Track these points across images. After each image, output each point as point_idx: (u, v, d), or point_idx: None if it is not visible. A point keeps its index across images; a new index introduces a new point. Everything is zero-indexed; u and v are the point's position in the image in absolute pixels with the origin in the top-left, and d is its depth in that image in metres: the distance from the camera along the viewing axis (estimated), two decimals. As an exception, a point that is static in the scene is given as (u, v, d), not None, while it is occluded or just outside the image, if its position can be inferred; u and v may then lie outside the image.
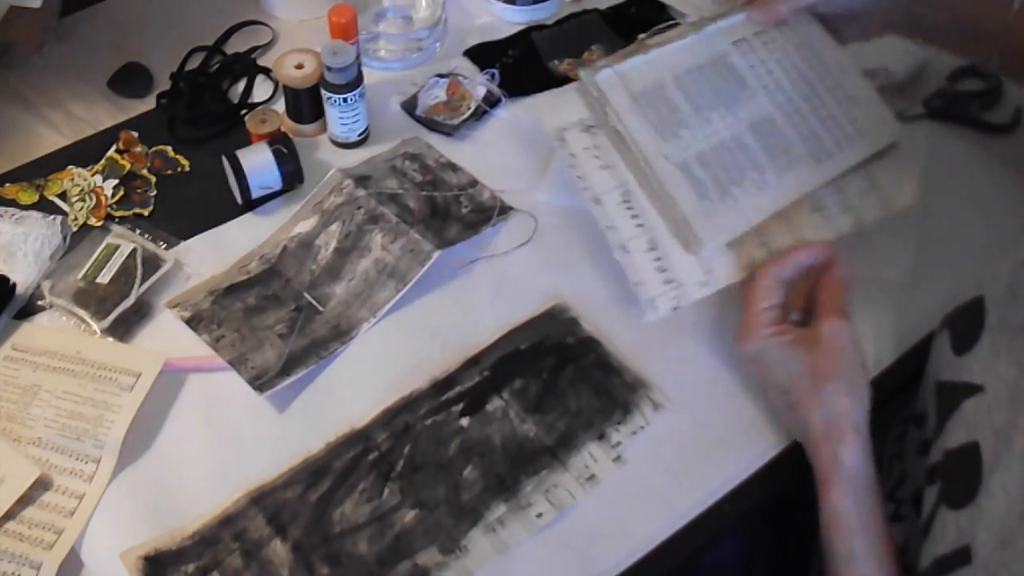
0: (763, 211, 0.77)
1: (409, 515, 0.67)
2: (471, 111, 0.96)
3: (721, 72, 0.82)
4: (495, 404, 0.71)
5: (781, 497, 0.76)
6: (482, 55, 1.02)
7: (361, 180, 0.88)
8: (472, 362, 0.72)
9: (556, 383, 0.72)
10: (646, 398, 0.71)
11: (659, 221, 0.77)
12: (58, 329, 0.80)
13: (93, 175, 0.89)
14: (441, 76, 0.99)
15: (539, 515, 0.68)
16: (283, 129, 0.91)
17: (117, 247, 0.84)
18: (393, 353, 0.78)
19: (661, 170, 0.77)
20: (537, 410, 0.71)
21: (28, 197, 0.88)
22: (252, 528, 0.67)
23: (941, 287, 0.78)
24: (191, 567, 0.66)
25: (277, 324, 0.80)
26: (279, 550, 0.66)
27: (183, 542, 0.67)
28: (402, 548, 0.66)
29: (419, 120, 0.96)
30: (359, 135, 0.93)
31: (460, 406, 0.72)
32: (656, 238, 0.76)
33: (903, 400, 0.76)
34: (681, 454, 0.74)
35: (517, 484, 0.68)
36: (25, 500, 0.70)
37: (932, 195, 0.90)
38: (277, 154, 0.86)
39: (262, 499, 0.69)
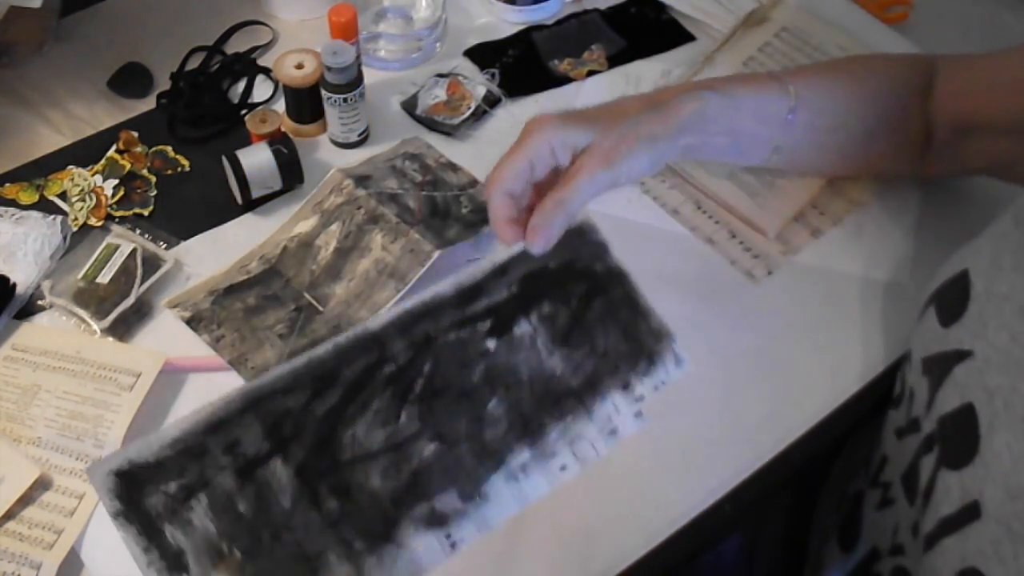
0: (809, 189, 0.89)
1: (428, 448, 0.59)
2: (471, 111, 0.96)
3: None
4: (523, 329, 0.63)
5: (781, 496, 0.77)
6: (482, 55, 1.02)
7: (361, 180, 0.88)
8: (500, 271, 0.63)
9: (585, 316, 0.65)
10: (670, 350, 0.65)
11: (732, 217, 0.88)
12: (58, 329, 0.80)
13: (93, 175, 0.90)
14: (441, 76, 0.99)
15: (563, 467, 0.61)
16: (283, 129, 0.91)
17: (117, 247, 0.84)
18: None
19: (712, 184, 0.89)
20: (565, 344, 0.64)
21: (28, 197, 0.88)
22: (247, 439, 0.55)
23: (938, 283, 0.78)
24: (173, 486, 0.53)
25: (277, 324, 0.80)
26: (279, 472, 0.55)
27: (162, 452, 0.53)
28: (420, 487, 0.58)
29: (419, 120, 0.96)
30: (359, 135, 0.93)
31: (487, 324, 0.62)
32: (735, 228, 0.88)
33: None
34: (681, 454, 0.74)
35: (543, 428, 0.61)
36: (25, 500, 0.70)
37: (931, 195, 0.90)
38: (277, 154, 0.86)
39: (259, 403, 0.56)
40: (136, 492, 0.53)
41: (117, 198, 0.88)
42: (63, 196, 0.88)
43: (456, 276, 0.61)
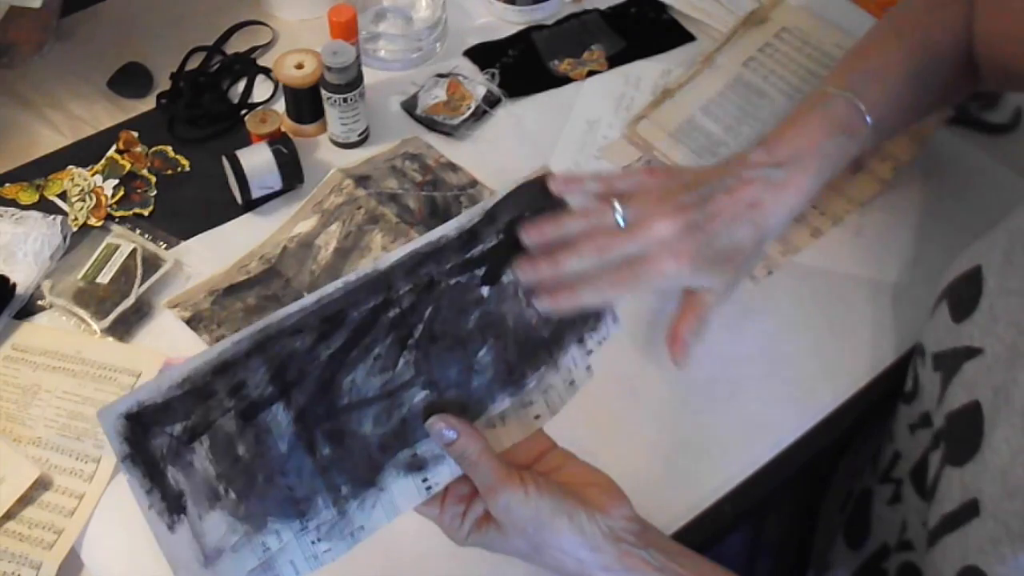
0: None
1: (419, 396, 0.60)
2: (471, 111, 0.96)
3: (739, 90, 0.96)
4: (508, 277, 0.64)
5: (783, 495, 0.77)
6: (482, 55, 1.02)
7: (361, 180, 0.88)
8: (489, 218, 0.63)
9: None
10: (609, 310, 0.67)
11: None
12: (58, 329, 0.80)
13: (93, 175, 0.89)
14: (441, 76, 0.99)
15: (537, 416, 0.64)
16: (283, 129, 0.91)
17: (117, 247, 0.84)
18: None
19: None
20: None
21: (28, 197, 0.88)
22: (252, 382, 0.56)
23: (947, 280, 0.78)
24: (178, 428, 0.54)
25: (277, 324, 0.80)
26: (280, 418, 0.56)
27: (170, 392, 0.54)
28: (406, 434, 0.59)
29: (419, 120, 0.96)
30: (359, 135, 0.93)
31: (481, 270, 0.63)
32: None
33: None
34: (682, 454, 0.74)
35: (523, 378, 0.63)
36: (25, 500, 0.70)
37: (932, 195, 0.90)
38: (277, 154, 0.86)
39: (267, 345, 0.57)
40: (143, 434, 0.54)
41: (117, 198, 0.88)
42: (63, 196, 0.88)
43: (458, 218, 0.62)
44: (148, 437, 0.54)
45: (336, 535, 0.57)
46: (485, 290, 0.63)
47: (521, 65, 1.01)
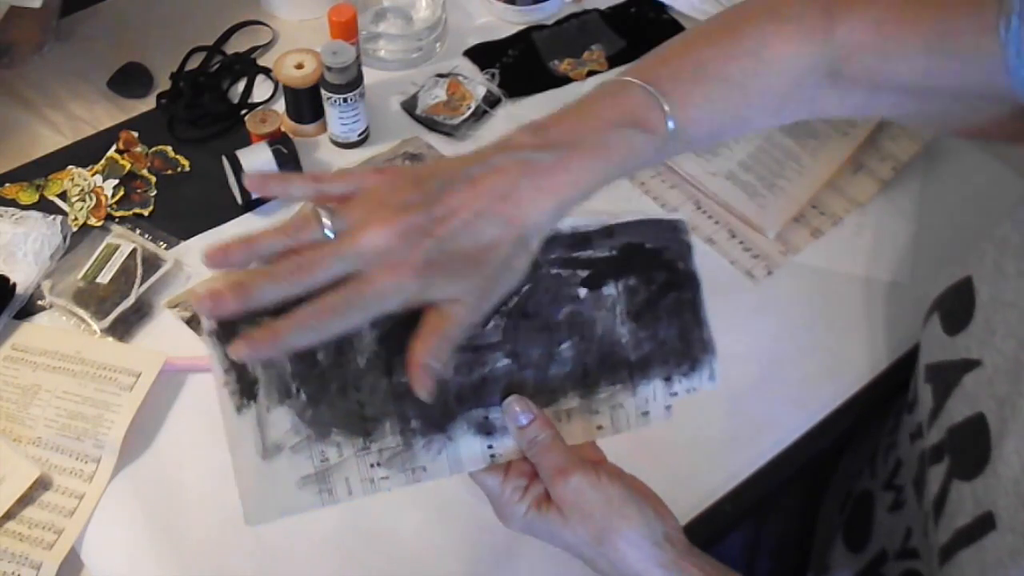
0: (810, 189, 0.89)
1: (502, 362, 0.61)
2: (471, 111, 0.96)
3: None
4: (610, 290, 0.66)
5: (783, 495, 0.77)
6: (482, 55, 1.02)
7: (361, 180, 0.88)
8: (607, 232, 0.65)
9: (658, 303, 0.68)
10: (709, 364, 0.68)
11: (732, 216, 0.89)
12: (58, 329, 0.80)
13: (93, 175, 0.89)
14: (441, 76, 0.99)
15: (599, 427, 0.64)
16: (283, 129, 0.91)
17: (117, 247, 0.84)
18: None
19: (712, 184, 0.90)
20: (636, 320, 0.67)
21: (28, 197, 0.88)
22: None
23: (940, 287, 0.78)
24: (266, 319, 0.52)
25: (277, 324, 0.80)
26: (365, 334, 0.56)
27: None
28: (483, 393, 0.60)
29: (419, 120, 0.96)
30: (359, 135, 0.93)
31: (585, 273, 0.65)
32: (735, 228, 0.88)
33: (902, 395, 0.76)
34: (681, 454, 0.74)
35: (596, 385, 0.65)
36: (25, 500, 0.70)
37: (931, 195, 0.90)
38: (277, 154, 0.86)
39: None
40: (231, 332, 0.54)
41: (117, 198, 0.88)
42: (63, 196, 0.88)
43: (575, 220, 0.63)
44: (236, 332, 0.53)
45: (397, 465, 0.58)
46: (583, 291, 0.64)
47: (521, 65, 1.01)
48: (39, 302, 0.81)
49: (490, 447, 0.60)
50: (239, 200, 0.87)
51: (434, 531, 0.62)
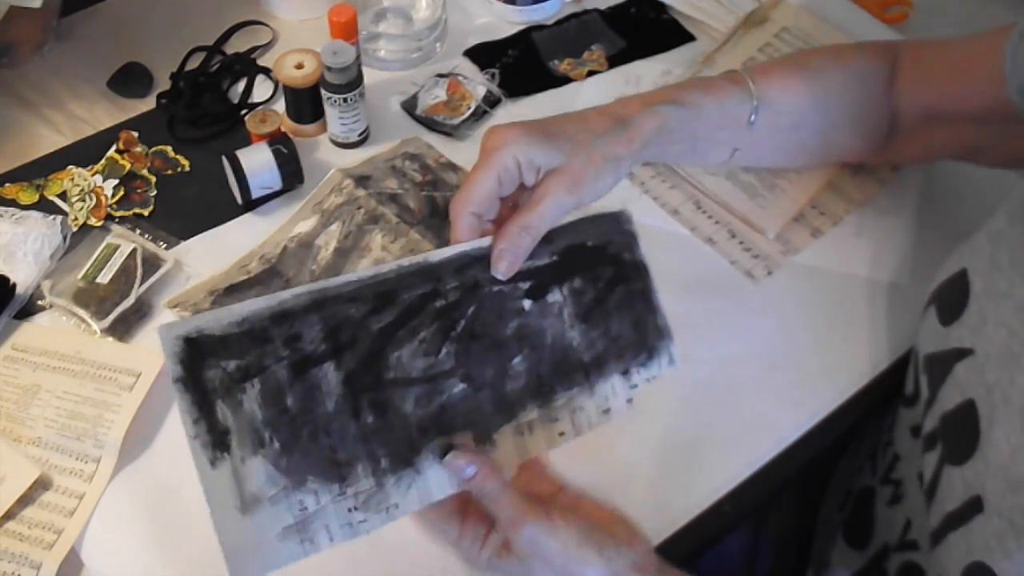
0: (810, 189, 0.89)
1: (457, 387, 0.62)
2: (471, 111, 0.96)
3: None
4: (555, 297, 0.66)
5: (783, 495, 0.77)
6: (482, 55, 1.02)
7: (361, 180, 0.88)
8: (546, 239, 0.66)
9: (607, 299, 0.69)
10: (667, 349, 0.69)
11: (732, 216, 0.88)
12: (58, 329, 0.80)
13: (93, 175, 0.89)
14: (441, 76, 0.99)
15: (561, 433, 0.65)
16: (283, 129, 0.91)
17: (117, 247, 0.84)
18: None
19: (712, 184, 0.89)
20: (585, 320, 0.68)
21: (28, 197, 0.88)
22: (308, 337, 0.58)
23: (938, 282, 0.78)
24: (232, 365, 0.55)
25: (277, 324, 0.80)
26: (331, 376, 0.58)
27: (229, 328, 0.56)
28: (443, 422, 0.61)
29: (419, 120, 0.96)
30: (359, 135, 0.93)
31: (527, 285, 0.66)
32: (735, 228, 0.88)
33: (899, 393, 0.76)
34: (681, 454, 0.74)
35: (552, 393, 0.65)
36: (25, 500, 0.70)
37: (931, 195, 0.90)
38: (277, 154, 0.86)
39: (325, 304, 0.58)
40: (199, 361, 0.55)
41: (117, 198, 0.88)
42: (63, 196, 0.88)
43: None
44: (203, 366, 0.55)
45: (373, 507, 0.58)
46: (527, 303, 0.65)
47: (521, 65, 1.01)
48: (39, 302, 0.81)
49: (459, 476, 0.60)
50: (239, 200, 0.87)
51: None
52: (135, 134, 0.93)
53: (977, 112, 0.75)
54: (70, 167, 0.90)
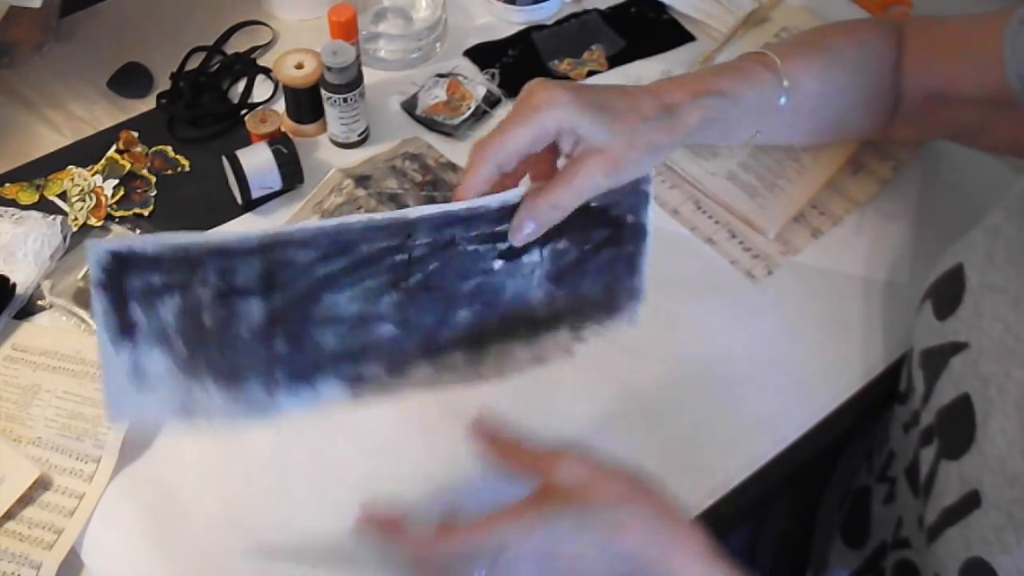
0: (810, 189, 0.89)
1: (386, 329, 0.62)
2: (471, 111, 0.96)
3: None
4: (532, 258, 0.64)
5: (782, 495, 0.77)
6: (482, 55, 1.02)
7: (361, 180, 0.88)
8: None
9: (587, 263, 0.67)
10: (631, 311, 0.67)
11: (732, 216, 0.88)
12: (58, 329, 0.80)
13: (93, 175, 0.90)
14: (441, 76, 0.99)
15: (481, 375, 0.65)
16: (283, 129, 0.91)
17: (117, 247, 0.84)
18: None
19: (712, 184, 0.89)
20: (556, 281, 0.66)
21: (28, 197, 0.88)
22: (242, 273, 0.58)
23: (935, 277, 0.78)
24: (156, 279, 0.56)
25: (277, 324, 0.80)
26: (255, 309, 0.59)
27: (163, 251, 0.56)
28: (357, 354, 0.62)
29: (419, 120, 0.96)
30: (359, 135, 0.93)
31: (504, 245, 0.64)
32: (735, 228, 0.88)
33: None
34: (680, 454, 0.74)
35: (484, 347, 0.65)
36: (25, 500, 0.70)
37: (931, 195, 0.90)
38: (277, 154, 0.86)
39: (272, 249, 0.58)
40: (122, 272, 0.56)
41: (117, 198, 0.88)
42: (63, 196, 0.88)
43: (504, 194, 0.63)
44: (126, 276, 0.56)
45: (258, 411, 0.61)
46: (498, 263, 0.64)
47: (521, 65, 1.01)
48: (39, 302, 0.81)
49: (355, 388, 0.62)
50: (239, 200, 0.87)
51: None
52: (135, 134, 0.93)
53: (975, 93, 0.75)
54: (70, 167, 0.90)
